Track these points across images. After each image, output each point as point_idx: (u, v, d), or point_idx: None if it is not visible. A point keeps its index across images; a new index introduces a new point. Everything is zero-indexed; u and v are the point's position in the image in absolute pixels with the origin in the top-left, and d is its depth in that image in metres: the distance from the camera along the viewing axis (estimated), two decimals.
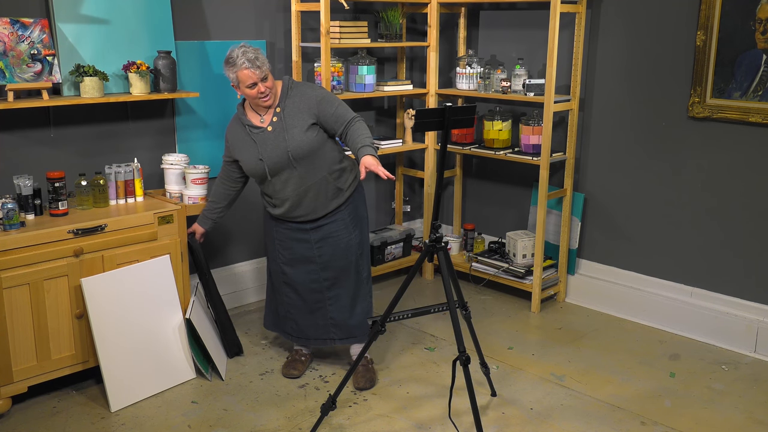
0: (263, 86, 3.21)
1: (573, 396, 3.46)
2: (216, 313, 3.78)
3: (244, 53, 3.17)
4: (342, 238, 3.43)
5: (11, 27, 3.32)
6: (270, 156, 3.28)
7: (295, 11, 4.21)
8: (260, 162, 3.29)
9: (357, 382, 3.50)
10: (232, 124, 3.41)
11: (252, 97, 3.23)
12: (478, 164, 5.09)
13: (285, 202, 3.36)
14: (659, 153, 4.17)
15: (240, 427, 3.17)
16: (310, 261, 3.45)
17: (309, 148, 3.27)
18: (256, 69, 3.16)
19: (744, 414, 3.34)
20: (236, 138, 3.38)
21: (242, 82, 3.20)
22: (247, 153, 3.34)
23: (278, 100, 3.30)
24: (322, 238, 3.42)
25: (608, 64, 4.31)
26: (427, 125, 2.74)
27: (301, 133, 3.26)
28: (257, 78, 3.18)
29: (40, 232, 3.17)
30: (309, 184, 3.31)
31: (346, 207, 3.43)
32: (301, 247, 3.44)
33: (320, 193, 3.34)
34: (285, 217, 3.41)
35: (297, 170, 3.29)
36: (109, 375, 3.28)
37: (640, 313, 4.32)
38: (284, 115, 3.28)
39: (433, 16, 4.63)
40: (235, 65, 3.18)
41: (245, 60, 3.15)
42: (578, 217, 4.55)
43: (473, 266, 4.70)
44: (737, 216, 3.93)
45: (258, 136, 3.30)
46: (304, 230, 3.42)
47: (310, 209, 3.36)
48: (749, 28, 3.73)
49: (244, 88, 3.22)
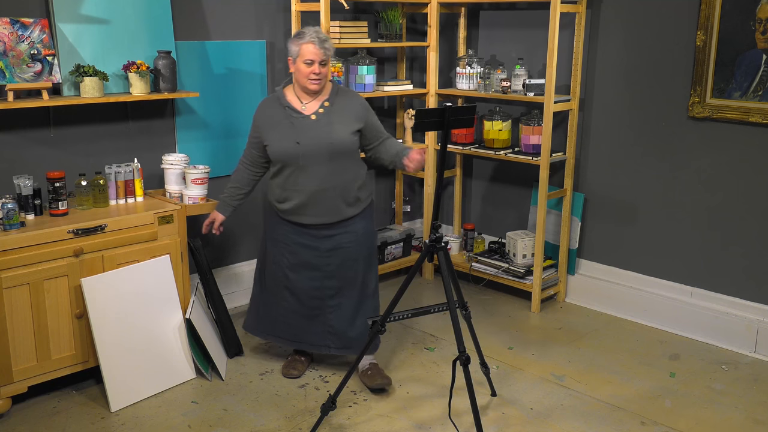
0: (319, 68, 3.20)
1: (573, 396, 3.46)
2: (216, 313, 3.78)
3: (317, 32, 3.20)
4: (352, 251, 3.40)
5: (11, 27, 3.32)
6: (308, 143, 3.24)
7: (295, 11, 4.21)
8: (297, 145, 3.24)
9: (372, 381, 3.45)
10: (265, 106, 3.38)
11: (304, 74, 3.21)
12: (478, 164, 5.09)
13: (301, 196, 3.29)
14: (659, 153, 4.17)
15: (240, 427, 3.17)
16: (316, 269, 3.41)
17: (348, 147, 3.30)
18: (321, 49, 3.18)
19: (744, 414, 3.34)
20: (269, 119, 3.32)
21: (302, 55, 3.19)
22: (280, 134, 3.28)
23: (327, 94, 3.32)
24: (332, 248, 3.38)
25: (608, 64, 4.31)
26: (427, 125, 2.74)
27: (345, 130, 3.28)
28: (318, 58, 3.18)
29: (40, 232, 3.17)
30: (335, 183, 3.29)
31: (360, 219, 3.41)
32: (309, 254, 3.39)
33: (340, 196, 3.31)
34: (294, 215, 3.35)
35: (329, 165, 3.27)
36: (109, 375, 3.28)
37: (640, 313, 4.32)
38: (332, 109, 3.30)
39: (433, 16, 4.63)
40: (303, 38, 3.19)
41: (315, 37, 3.18)
42: (578, 217, 4.55)
43: (473, 266, 4.70)
44: (737, 216, 3.93)
45: (298, 121, 3.27)
46: (314, 237, 3.38)
47: (323, 211, 3.32)
48: (749, 28, 3.73)
49: (300, 62, 3.20)
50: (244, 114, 4.28)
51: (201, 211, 3.72)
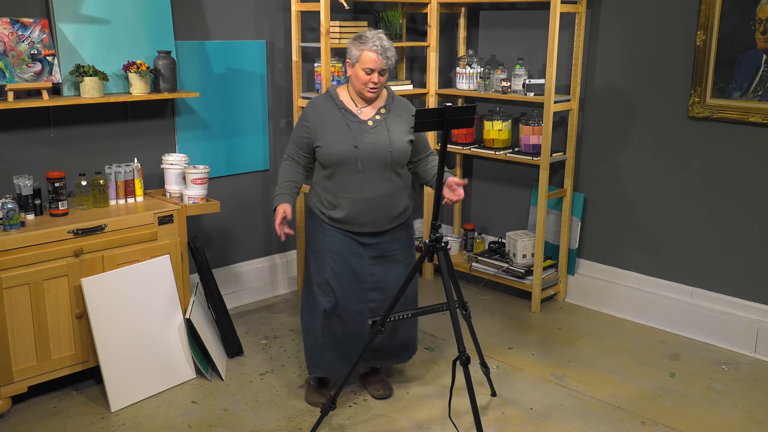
0: (378, 77, 3.07)
1: (573, 396, 3.46)
2: (216, 313, 3.78)
3: (380, 38, 3.05)
4: (397, 257, 3.26)
5: (11, 27, 3.32)
6: (367, 148, 3.09)
7: (295, 11, 4.21)
8: (355, 149, 3.08)
9: (375, 391, 3.42)
10: (317, 105, 3.19)
11: (362, 82, 3.08)
12: (478, 164, 5.09)
13: (354, 202, 3.12)
14: (659, 153, 4.17)
15: (240, 427, 3.17)
16: (360, 280, 3.21)
17: (404, 156, 3.17)
18: (383, 58, 3.04)
19: (744, 414, 3.34)
20: (323, 119, 3.15)
21: (362, 62, 3.05)
22: (336, 137, 3.10)
23: (383, 101, 3.20)
24: (378, 255, 3.22)
25: (608, 64, 4.31)
26: (427, 125, 2.74)
27: (402, 138, 3.16)
28: (378, 67, 3.04)
29: (40, 232, 3.17)
30: (389, 191, 3.16)
31: (404, 227, 3.29)
32: (355, 262, 3.19)
33: (392, 204, 3.18)
34: (345, 223, 3.16)
35: (384, 172, 3.13)
36: (109, 375, 3.28)
37: (640, 313, 4.32)
38: (388, 117, 3.17)
39: (433, 16, 4.63)
40: (365, 44, 3.04)
41: (379, 45, 3.03)
42: (578, 217, 4.55)
43: (473, 266, 4.70)
44: (737, 216, 3.93)
45: (354, 125, 3.12)
46: (361, 245, 3.20)
47: (376, 219, 3.17)
48: (749, 28, 3.73)
49: (359, 69, 3.06)
50: (244, 114, 4.28)
51: (201, 211, 3.72)
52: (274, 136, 4.44)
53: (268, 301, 4.53)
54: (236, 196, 4.34)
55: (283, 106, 4.45)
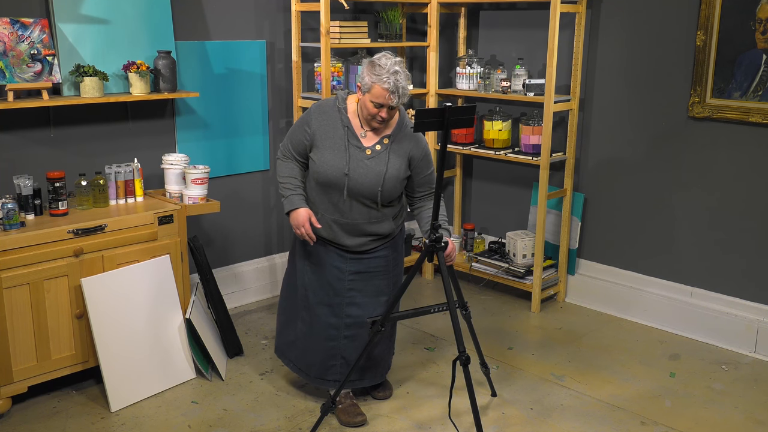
0: (386, 113, 2.95)
1: (573, 396, 3.46)
2: (216, 313, 3.78)
3: (395, 73, 2.87)
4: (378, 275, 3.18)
5: (11, 27, 3.32)
6: (357, 180, 3.00)
7: (295, 11, 4.21)
8: (344, 177, 3.00)
9: (375, 391, 3.39)
10: (325, 113, 3.07)
11: (368, 113, 2.96)
12: (478, 164, 5.09)
13: (332, 224, 3.09)
14: (659, 153, 4.17)
15: (240, 427, 3.17)
16: (338, 294, 3.16)
17: (395, 193, 3.08)
18: (395, 97, 2.90)
19: (744, 414, 3.34)
20: (326, 131, 3.05)
21: (372, 94, 2.91)
22: (331, 157, 3.02)
23: (390, 129, 3.07)
24: (357, 271, 3.16)
25: (608, 64, 4.31)
26: (427, 125, 2.74)
27: (397, 176, 3.05)
28: (388, 104, 2.92)
29: (40, 232, 3.17)
30: (375, 220, 3.09)
31: (392, 246, 3.21)
32: (332, 274, 3.15)
33: (376, 231, 3.11)
34: (325, 237, 3.12)
35: (370, 203, 3.06)
36: (109, 375, 3.28)
37: (640, 313, 4.32)
38: (390, 147, 3.05)
39: (433, 16, 4.63)
40: (380, 78, 2.87)
41: (392, 82, 2.87)
42: (578, 217, 4.55)
43: (473, 266, 4.70)
44: (737, 216, 3.93)
45: (353, 150, 3.02)
46: (342, 258, 3.15)
47: (359, 242, 3.11)
48: (749, 28, 3.73)
49: (368, 99, 2.93)
50: (244, 114, 4.28)
51: (201, 211, 3.72)
52: (274, 136, 4.44)
53: (268, 301, 4.53)
54: (236, 196, 4.34)
55: (283, 106, 4.45)
